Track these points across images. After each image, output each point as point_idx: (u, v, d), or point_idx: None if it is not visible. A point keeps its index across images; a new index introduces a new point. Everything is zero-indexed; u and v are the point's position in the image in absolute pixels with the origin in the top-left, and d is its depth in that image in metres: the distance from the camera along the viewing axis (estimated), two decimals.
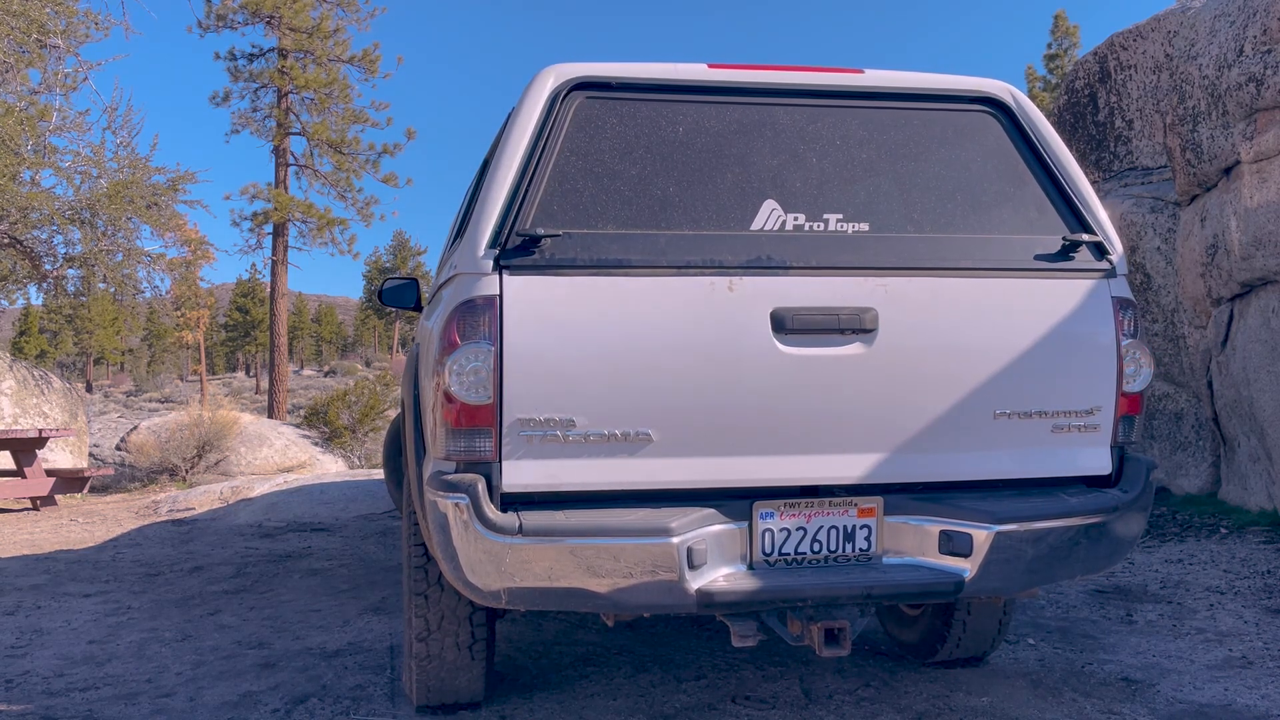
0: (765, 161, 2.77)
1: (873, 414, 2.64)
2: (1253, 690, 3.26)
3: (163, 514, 7.90)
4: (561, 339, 2.50)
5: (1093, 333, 2.78)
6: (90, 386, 63.09)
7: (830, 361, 2.59)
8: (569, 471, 2.50)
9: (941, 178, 2.90)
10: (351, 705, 3.23)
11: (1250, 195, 5.30)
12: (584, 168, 2.68)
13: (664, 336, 2.54)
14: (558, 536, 2.42)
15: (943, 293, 2.70)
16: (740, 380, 2.55)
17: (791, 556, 2.63)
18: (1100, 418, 2.78)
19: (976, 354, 2.70)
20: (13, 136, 9.24)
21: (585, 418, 2.49)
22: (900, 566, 2.65)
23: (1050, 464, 2.77)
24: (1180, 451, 6.81)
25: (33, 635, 4.18)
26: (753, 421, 2.58)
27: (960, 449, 2.71)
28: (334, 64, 24.60)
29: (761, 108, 2.85)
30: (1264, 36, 5.18)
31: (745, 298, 2.57)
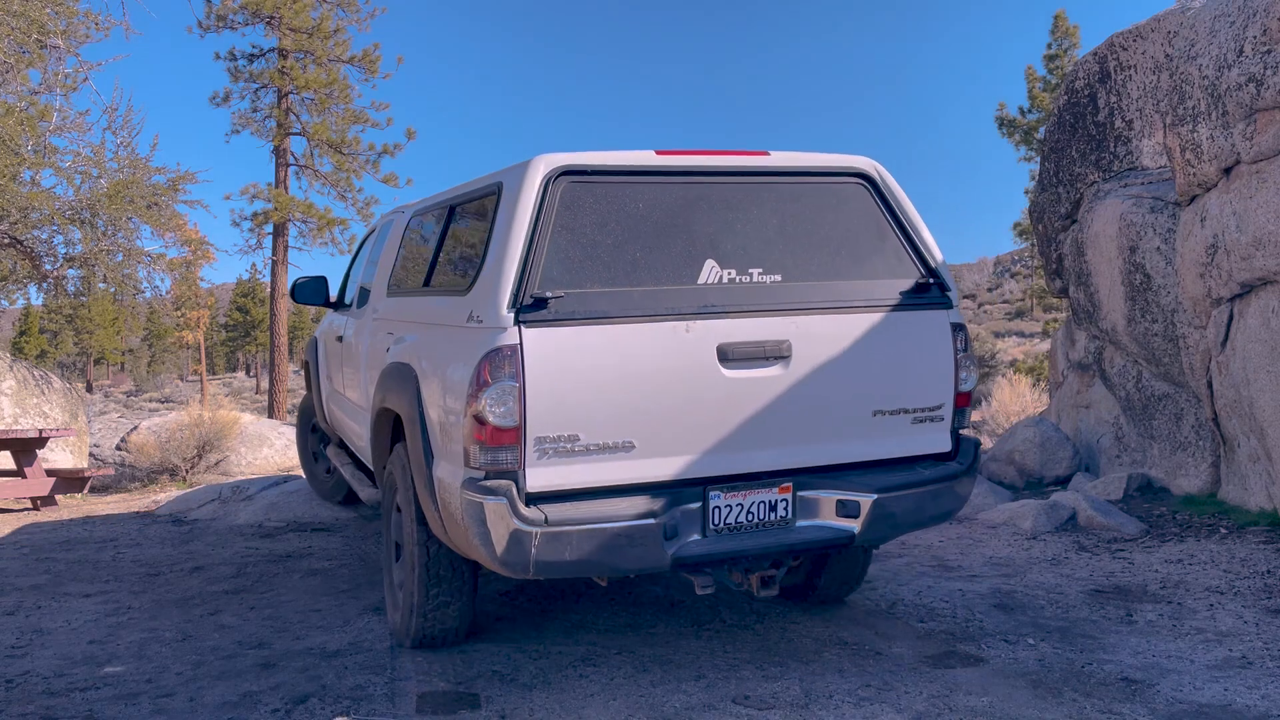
0: (704, 228, 3.58)
1: (788, 418, 3.52)
2: (1253, 690, 3.26)
3: (163, 514, 7.90)
4: (566, 375, 3.25)
5: (937, 350, 3.76)
6: (90, 386, 63.09)
7: (759, 381, 3.48)
8: (575, 474, 3.28)
9: (829, 235, 3.77)
10: (351, 705, 3.23)
11: (1250, 195, 5.30)
12: (572, 238, 3.41)
13: (640, 369, 3.34)
14: (573, 524, 3.19)
15: (836, 325, 3.62)
16: (696, 399, 3.40)
17: (733, 526, 3.48)
18: (944, 411, 3.79)
19: (861, 370, 3.62)
20: (13, 136, 9.24)
21: (585, 434, 3.29)
22: (810, 527, 3.56)
23: (911, 446, 3.76)
24: (1180, 451, 6.81)
25: (33, 635, 4.18)
26: (705, 429, 3.43)
27: (850, 439, 3.66)
28: (334, 64, 24.60)
29: (698, 185, 3.66)
30: (1264, 37, 5.18)
31: (698, 337, 3.41)
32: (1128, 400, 7.45)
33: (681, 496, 3.39)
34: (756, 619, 4.24)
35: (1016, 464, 7.98)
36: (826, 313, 3.61)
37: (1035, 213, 8.74)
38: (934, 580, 4.90)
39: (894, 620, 4.22)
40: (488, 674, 3.54)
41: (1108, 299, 7.27)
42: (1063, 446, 7.94)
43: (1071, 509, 6.18)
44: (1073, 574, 4.93)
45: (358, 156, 24.72)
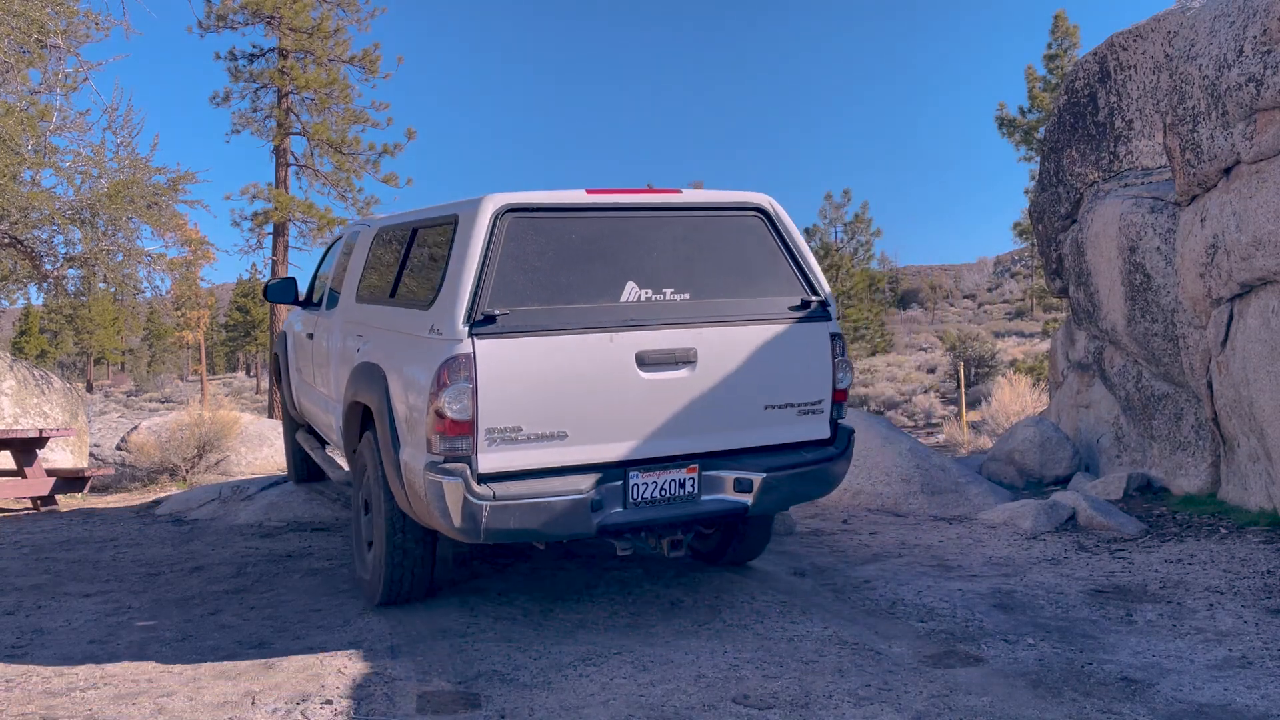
0: (626, 254, 4.27)
1: (694, 412, 4.24)
2: (1252, 690, 3.26)
3: (163, 514, 7.90)
4: (511, 377, 3.94)
5: (818, 356, 4.51)
6: (90, 386, 63.08)
7: (670, 382, 4.20)
8: (518, 459, 3.98)
9: (731, 260, 4.48)
10: (352, 705, 3.23)
11: (1250, 195, 5.30)
12: (516, 264, 4.08)
13: (572, 372, 4.02)
14: (516, 499, 3.90)
15: (734, 336, 4.34)
16: (618, 397, 4.10)
17: (648, 500, 4.16)
18: (823, 405, 4.55)
19: (754, 372, 4.34)
20: (13, 136, 9.24)
21: (526, 425, 3.97)
22: (712, 500, 4.26)
23: (796, 434, 4.50)
24: (1180, 451, 6.81)
25: (33, 635, 4.18)
26: (626, 421, 4.13)
27: (745, 429, 4.37)
28: (334, 64, 24.59)
29: (621, 219, 4.35)
30: (1264, 37, 5.18)
31: (620, 346, 4.09)
32: (1128, 400, 7.45)
33: (606, 476, 4.08)
34: (757, 619, 4.25)
35: (1016, 464, 7.98)
36: (726, 325, 4.35)
37: (1035, 213, 8.74)
38: (934, 580, 4.90)
39: (894, 620, 4.22)
40: (488, 674, 3.54)
41: (1108, 299, 7.27)
42: (1062, 446, 7.95)
43: (1071, 509, 6.18)
44: (1073, 574, 4.93)
45: (358, 156, 24.71)
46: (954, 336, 45.03)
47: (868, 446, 7.54)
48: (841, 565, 5.32)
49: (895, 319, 73.56)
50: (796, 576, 5.09)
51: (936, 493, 7.06)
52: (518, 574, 5.19)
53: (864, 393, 41.24)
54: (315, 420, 6.45)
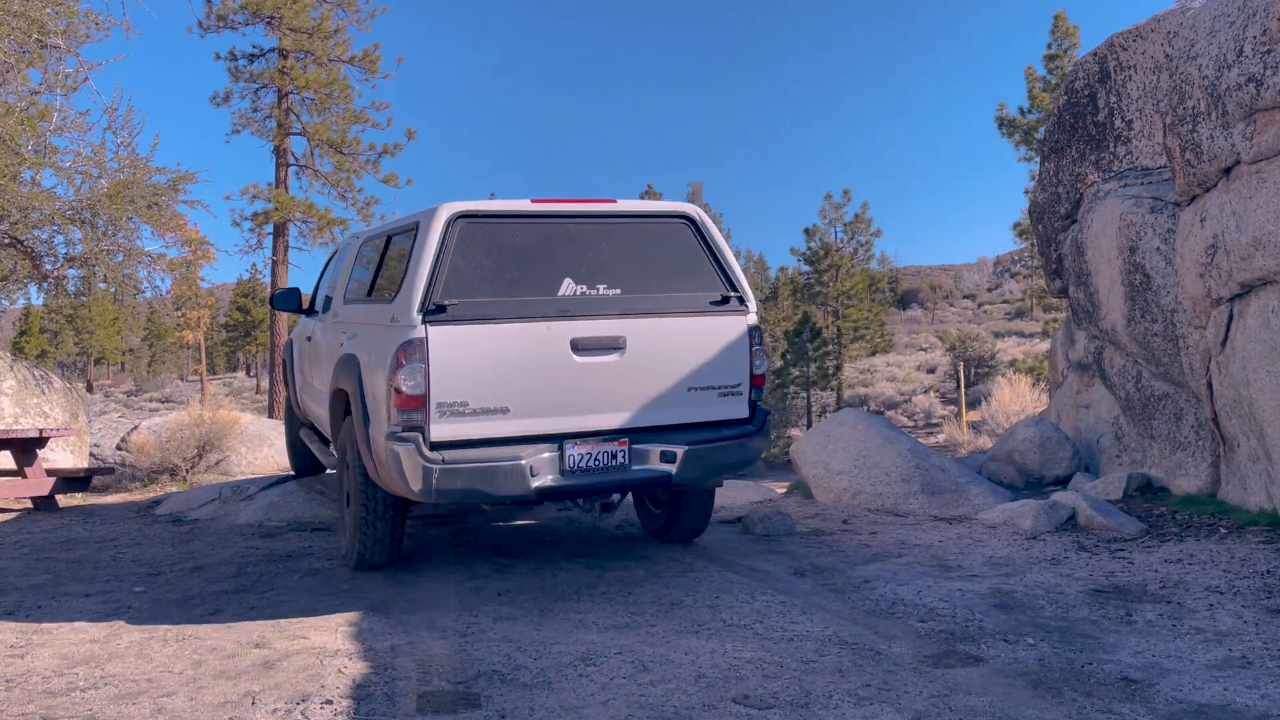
0: (564, 255, 4.88)
1: (624, 392, 4.84)
2: (1252, 690, 3.26)
3: (163, 514, 7.90)
4: (459, 358, 4.53)
5: (737, 344, 5.09)
6: (91, 386, 63.10)
7: (601, 365, 4.79)
8: (465, 429, 4.57)
9: (659, 261, 5.08)
10: (352, 705, 3.24)
11: (1250, 195, 5.30)
12: (466, 263, 4.68)
13: (514, 355, 4.62)
14: (462, 464, 4.49)
15: (660, 326, 4.93)
16: (555, 377, 4.69)
17: (583, 468, 4.74)
18: (742, 388, 5.12)
19: (678, 358, 4.95)
20: (13, 136, 9.24)
21: (473, 400, 4.57)
22: (640, 470, 4.84)
23: (717, 413, 5.07)
24: (1180, 451, 6.81)
25: (33, 635, 4.18)
26: (562, 399, 4.71)
27: (670, 407, 4.95)
28: (334, 64, 24.59)
29: (561, 224, 4.96)
30: (1264, 37, 5.18)
31: (556, 333, 4.69)
32: (1128, 400, 7.45)
33: (544, 447, 4.68)
34: (757, 619, 4.25)
35: (1016, 464, 7.98)
36: (652, 317, 4.94)
37: (1035, 213, 8.74)
38: (934, 580, 4.90)
39: (894, 620, 4.22)
40: (488, 674, 3.54)
41: (1108, 299, 7.27)
42: (1062, 446, 7.95)
43: (1071, 509, 6.18)
44: (1072, 574, 4.94)
45: (358, 156, 24.71)
46: (954, 336, 45.05)
47: (868, 446, 7.54)
48: (841, 565, 5.32)
49: (895, 319, 73.56)
50: (796, 576, 5.09)
51: (936, 493, 7.06)
52: (518, 574, 5.19)
53: (864, 393, 41.26)
54: (315, 416, 6.97)
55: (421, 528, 6.89)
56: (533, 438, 4.68)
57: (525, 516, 7.35)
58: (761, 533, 6.29)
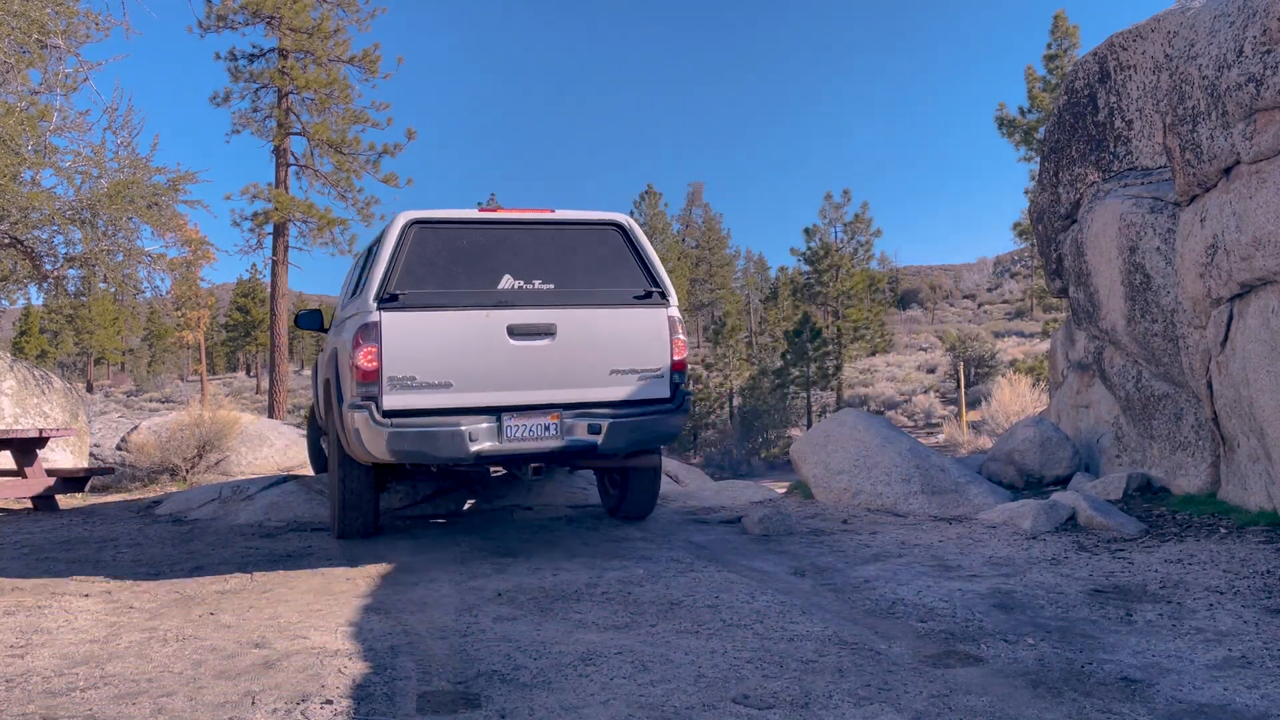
0: (506, 255, 5.71)
1: (555, 372, 5.60)
2: (1252, 690, 3.26)
3: (163, 514, 7.90)
4: (409, 340, 5.35)
5: (658, 333, 5.83)
6: (91, 386, 63.11)
7: (535, 348, 5.57)
8: (414, 400, 5.35)
9: (590, 262, 5.86)
10: (352, 705, 3.23)
11: (1250, 195, 5.30)
12: (418, 261, 5.54)
13: (458, 338, 5.43)
14: (410, 429, 5.31)
15: (587, 316, 5.70)
16: (494, 357, 5.48)
17: (518, 437, 5.52)
18: (663, 372, 5.84)
19: (604, 344, 5.69)
20: (13, 136, 9.24)
21: (420, 375, 5.35)
22: (570, 440, 5.61)
23: (641, 393, 5.79)
24: (1180, 451, 6.81)
25: (33, 635, 4.18)
26: (500, 376, 5.50)
27: (597, 387, 5.69)
28: (334, 64, 24.60)
29: (503, 230, 5.82)
30: (1263, 37, 5.18)
31: (495, 320, 5.49)
32: (1128, 400, 7.45)
33: (484, 417, 5.46)
34: (757, 619, 4.25)
35: (1016, 464, 7.98)
36: (581, 308, 5.69)
37: (1035, 213, 8.74)
38: (934, 580, 4.90)
39: (894, 620, 4.22)
40: (488, 674, 3.54)
41: (1108, 299, 7.27)
42: (1062, 446, 7.95)
43: (1071, 509, 6.18)
44: (1072, 574, 4.93)
45: (358, 156, 24.72)
46: (954, 336, 45.04)
47: (868, 446, 7.54)
48: (841, 565, 5.32)
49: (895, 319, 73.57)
50: (796, 576, 5.09)
51: (936, 493, 7.06)
52: (518, 574, 5.20)
53: (864, 393, 41.26)
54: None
55: (422, 528, 6.89)
56: (474, 409, 5.47)
57: (525, 516, 7.35)
58: (761, 533, 6.29)
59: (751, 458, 36.35)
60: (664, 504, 7.94)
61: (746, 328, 64.65)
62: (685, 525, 6.88)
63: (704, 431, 39.80)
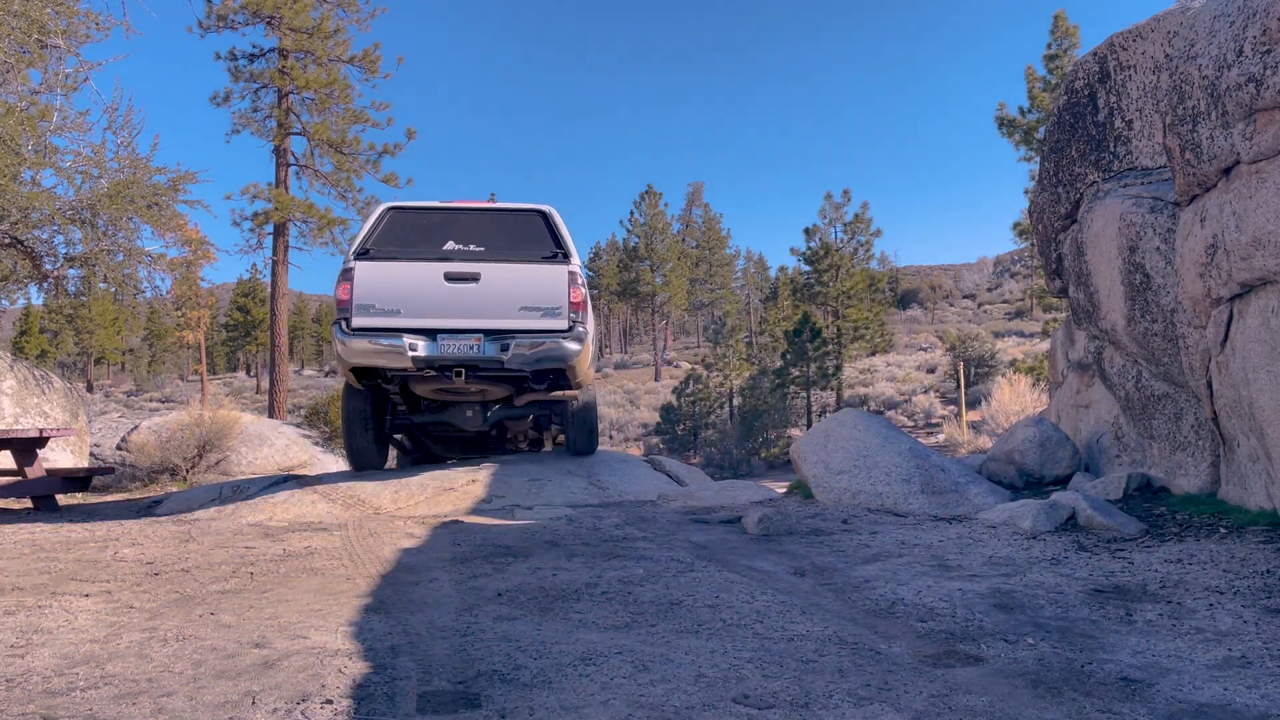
0: (453, 230, 8.03)
1: (478, 307, 7.69)
2: (1252, 690, 3.26)
3: (163, 513, 7.90)
4: (373, 280, 7.66)
5: (559, 282, 7.80)
6: (91, 386, 63.07)
7: (464, 289, 7.72)
8: (372, 321, 7.60)
9: (516, 236, 8.04)
10: (352, 705, 3.24)
11: (1250, 195, 5.30)
12: (388, 233, 7.96)
13: (408, 280, 7.69)
14: (367, 340, 7.57)
15: (505, 268, 7.83)
16: (433, 295, 7.69)
17: (447, 352, 7.61)
18: (562, 310, 7.77)
19: (516, 289, 7.74)
20: (13, 136, 9.24)
21: (378, 304, 7.62)
22: (486, 355, 7.67)
23: (544, 325, 7.71)
24: (1180, 451, 6.81)
25: (33, 634, 4.18)
26: (437, 308, 7.66)
27: (509, 319, 7.72)
28: (334, 64, 24.61)
29: (455, 213, 8.23)
30: (1263, 37, 5.18)
31: (436, 269, 7.72)
32: (1127, 400, 7.45)
33: (423, 336, 7.63)
34: (756, 619, 4.25)
35: (1016, 464, 7.98)
36: (500, 263, 7.86)
37: (1035, 213, 8.74)
38: (933, 580, 4.90)
39: (893, 620, 4.22)
40: (488, 674, 3.54)
41: (1107, 299, 7.27)
42: (1062, 446, 7.94)
43: (1071, 509, 6.18)
44: (1072, 574, 4.94)
45: (358, 156, 24.73)
46: (954, 336, 45.02)
47: (868, 446, 7.54)
48: (841, 565, 5.32)
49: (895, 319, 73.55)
50: (796, 576, 5.09)
51: (936, 493, 7.06)
52: (518, 574, 5.20)
53: (864, 393, 41.23)
54: None
55: (422, 528, 6.89)
56: (415, 330, 7.64)
57: (525, 517, 7.35)
58: (761, 532, 6.29)
59: (751, 458, 36.34)
60: (664, 504, 7.94)
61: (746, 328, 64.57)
62: (685, 525, 6.89)
63: (704, 431, 39.78)
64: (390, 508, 7.63)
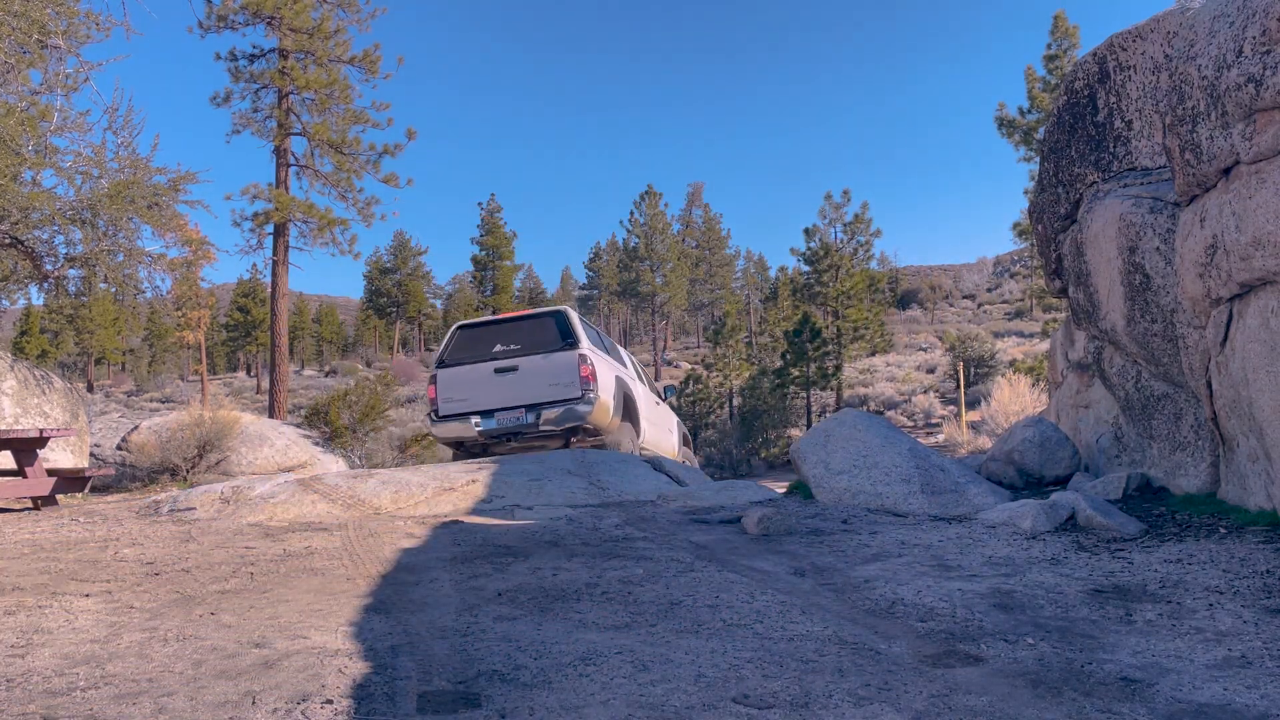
0: (499, 336, 11.18)
1: (520, 390, 10.69)
2: (1252, 690, 3.27)
3: (164, 514, 7.90)
4: (448, 381, 10.98)
5: (573, 364, 10.60)
6: (91, 386, 63.08)
7: (509, 377, 10.80)
8: (451, 409, 10.86)
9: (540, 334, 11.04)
10: (352, 704, 3.24)
11: (1249, 196, 5.30)
12: (457, 345, 11.27)
13: (470, 378, 10.92)
14: (447, 423, 10.90)
15: (536, 359, 10.81)
16: (488, 385, 10.85)
17: (501, 423, 10.73)
18: (575, 384, 10.53)
19: (545, 373, 10.68)
20: (14, 137, 9.24)
21: (454, 397, 10.87)
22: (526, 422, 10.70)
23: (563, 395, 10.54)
24: (1179, 451, 6.81)
25: (33, 634, 4.18)
26: (492, 395, 10.75)
27: (542, 394, 10.62)
28: (334, 64, 24.60)
29: (499, 324, 11.42)
30: (1263, 37, 5.18)
31: (489, 366, 10.89)
32: (1127, 400, 7.46)
33: (482, 415, 10.59)
34: (756, 619, 4.25)
35: (1016, 464, 7.98)
36: (531, 355, 10.65)
37: (1035, 213, 8.74)
38: (933, 580, 4.90)
39: (893, 620, 4.22)
40: (488, 674, 3.54)
41: (1107, 299, 7.27)
42: (1062, 446, 7.95)
43: (1071, 509, 6.18)
44: (1072, 574, 4.94)
45: (358, 157, 24.72)
46: (954, 336, 45.02)
47: (868, 446, 7.54)
48: (841, 565, 5.33)
49: (895, 319, 73.56)
50: (796, 576, 5.10)
51: (936, 493, 7.06)
52: (518, 574, 5.20)
53: (864, 393, 41.23)
54: None
55: (422, 528, 6.89)
56: (478, 411, 10.56)
57: (525, 517, 7.35)
58: (761, 532, 6.29)
59: (751, 458, 36.34)
60: (664, 504, 7.94)
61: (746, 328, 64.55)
62: (685, 525, 6.89)
63: (704, 431, 39.79)
64: (390, 508, 7.64)
